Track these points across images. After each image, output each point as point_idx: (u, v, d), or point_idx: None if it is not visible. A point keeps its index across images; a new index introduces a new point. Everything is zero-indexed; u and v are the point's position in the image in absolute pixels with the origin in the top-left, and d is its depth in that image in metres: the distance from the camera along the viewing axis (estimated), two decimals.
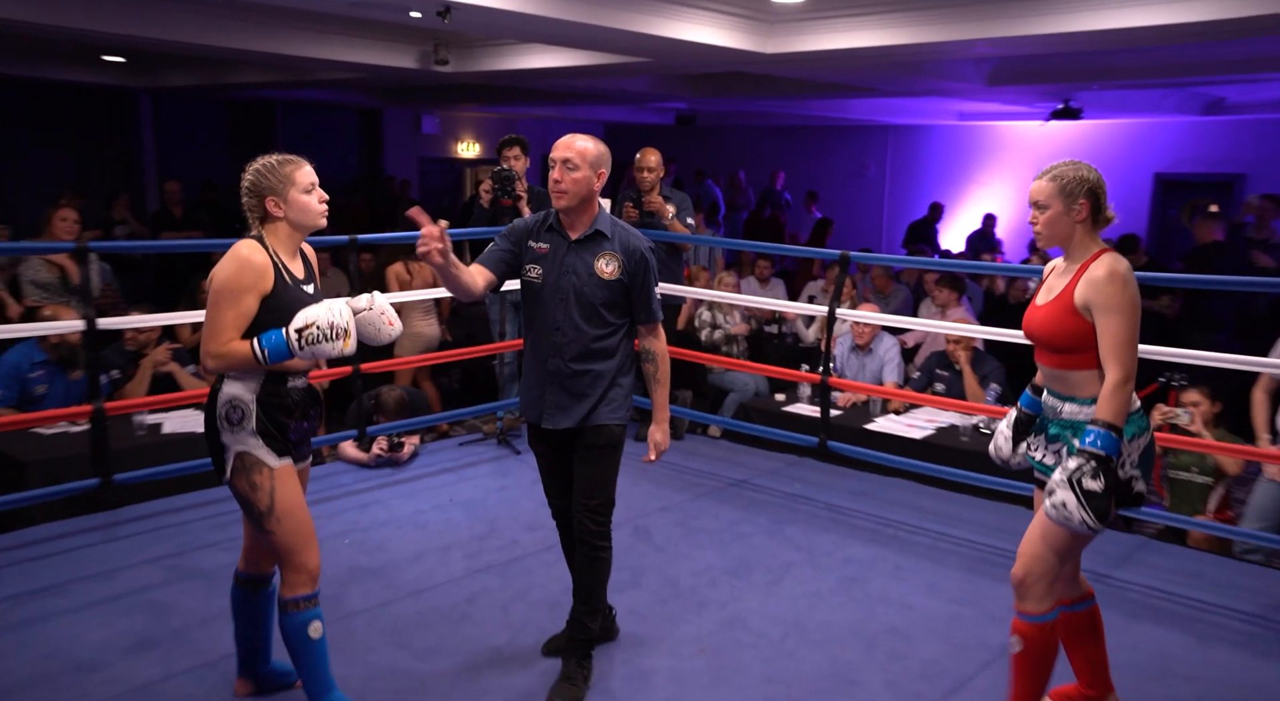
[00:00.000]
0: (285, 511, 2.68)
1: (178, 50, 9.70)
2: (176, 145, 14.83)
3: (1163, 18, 5.71)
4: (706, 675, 3.16)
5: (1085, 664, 2.96)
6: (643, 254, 3.04)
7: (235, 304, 2.63)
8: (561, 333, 3.03)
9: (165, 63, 12.04)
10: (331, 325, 2.62)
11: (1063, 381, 2.75)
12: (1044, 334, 2.76)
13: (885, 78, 9.74)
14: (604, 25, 6.45)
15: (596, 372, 3.04)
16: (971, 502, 4.77)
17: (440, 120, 17.24)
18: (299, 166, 2.76)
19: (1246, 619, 3.70)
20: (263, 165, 2.74)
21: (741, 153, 16.98)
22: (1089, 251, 2.72)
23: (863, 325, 6.18)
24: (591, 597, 3.09)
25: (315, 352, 2.64)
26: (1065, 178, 2.74)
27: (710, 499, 4.78)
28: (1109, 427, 2.56)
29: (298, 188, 2.73)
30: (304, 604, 2.69)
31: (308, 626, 2.69)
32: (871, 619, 3.58)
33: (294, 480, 2.74)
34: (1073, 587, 2.90)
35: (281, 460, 2.71)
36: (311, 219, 2.76)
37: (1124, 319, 2.59)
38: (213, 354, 2.65)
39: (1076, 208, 2.71)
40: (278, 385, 2.72)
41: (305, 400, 2.82)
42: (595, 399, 3.04)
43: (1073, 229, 2.73)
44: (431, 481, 4.92)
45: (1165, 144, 13.47)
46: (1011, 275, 8.68)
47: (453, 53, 8.94)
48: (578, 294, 3.01)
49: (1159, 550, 4.35)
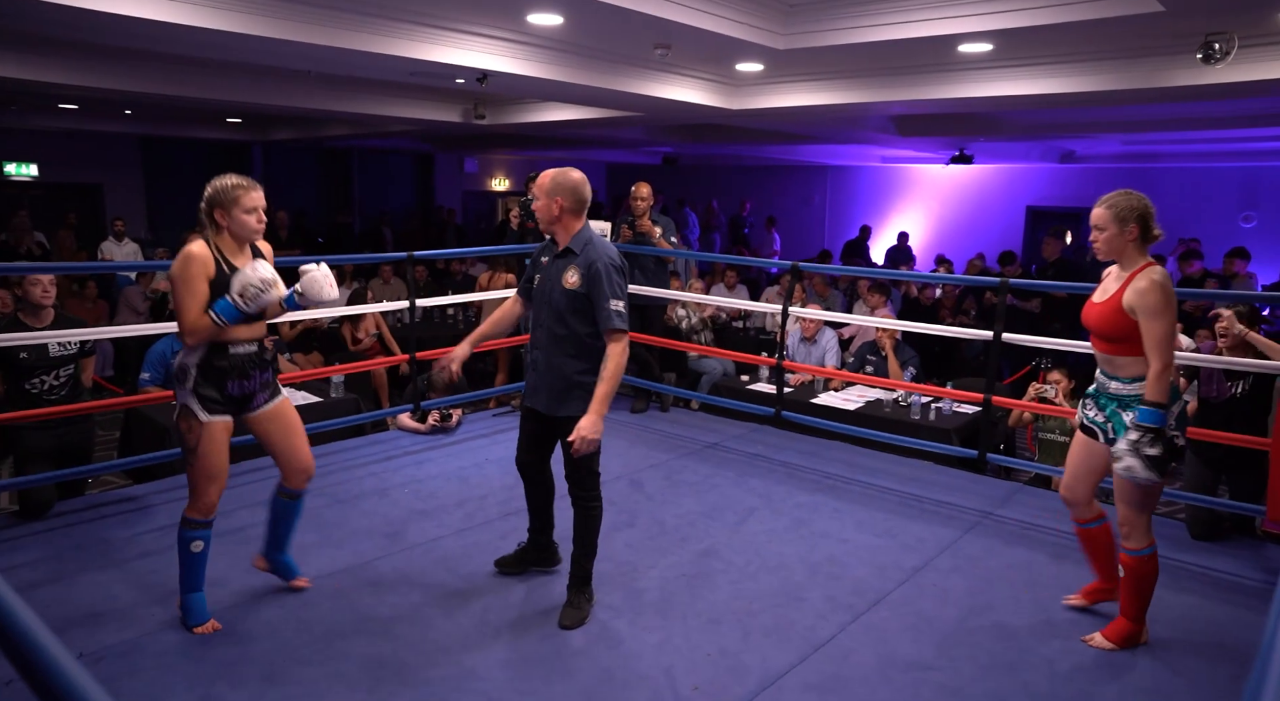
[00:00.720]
0: (201, 455, 2.68)
1: (282, 112, 9.97)
2: (280, 184, 14.84)
3: (1031, 89, 5.91)
4: (687, 593, 3.15)
5: (1100, 565, 3.06)
6: (596, 268, 2.79)
7: (191, 289, 2.61)
8: (540, 331, 2.92)
9: (273, 122, 12.21)
10: (261, 279, 2.62)
11: (1110, 364, 2.77)
12: (1098, 327, 2.77)
13: (824, 128, 9.74)
14: (607, 87, 6.44)
15: (561, 369, 2.86)
16: (892, 459, 4.76)
17: (479, 161, 17.19)
18: (247, 191, 2.70)
19: None
20: (221, 184, 2.69)
21: (715, 186, 16.94)
22: (1136, 263, 2.72)
23: (808, 320, 6.17)
24: (586, 544, 2.97)
25: (260, 302, 2.63)
26: (1119, 206, 2.74)
27: (690, 457, 4.76)
28: (1156, 406, 2.60)
29: (241, 208, 2.68)
30: (194, 525, 2.73)
31: (191, 541, 2.73)
32: (815, 550, 3.57)
33: (219, 433, 2.71)
34: (1088, 511, 2.99)
35: (212, 417, 2.69)
36: (247, 234, 2.72)
37: (1162, 321, 2.61)
38: (187, 330, 2.62)
39: (1128, 229, 2.71)
40: (217, 355, 2.69)
41: (247, 363, 2.76)
42: (562, 391, 2.87)
43: (1125, 246, 2.73)
44: (472, 444, 4.89)
45: (1034, 184, 13.65)
46: (922, 281, 8.67)
47: (489, 109, 8.95)
48: (550, 300, 2.88)
49: (1031, 493, 4.35)
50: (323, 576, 3.19)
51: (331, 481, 4.21)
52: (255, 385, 2.81)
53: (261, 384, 2.83)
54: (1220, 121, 8.28)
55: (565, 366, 2.87)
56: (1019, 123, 9.14)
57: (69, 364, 3.85)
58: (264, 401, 2.86)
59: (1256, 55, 4.90)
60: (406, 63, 5.59)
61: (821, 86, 6.76)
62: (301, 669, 2.60)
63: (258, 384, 2.82)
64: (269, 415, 2.86)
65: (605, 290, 2.78)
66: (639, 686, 2.56)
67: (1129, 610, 2.84)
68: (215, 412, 2.71)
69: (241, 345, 2.75)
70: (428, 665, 2.64)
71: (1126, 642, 2.84)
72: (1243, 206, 11.76)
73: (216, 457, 2.72)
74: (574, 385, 2.86)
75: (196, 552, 2.75)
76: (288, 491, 2.97)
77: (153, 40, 5.26)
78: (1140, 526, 2.76)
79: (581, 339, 2.85)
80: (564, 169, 2.91)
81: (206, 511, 2.73)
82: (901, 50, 5.53)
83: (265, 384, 2.86)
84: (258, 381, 2.82)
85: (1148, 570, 2.79)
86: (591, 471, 2.94)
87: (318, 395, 5.37)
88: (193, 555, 2.75)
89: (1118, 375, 2.76)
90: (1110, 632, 2.87)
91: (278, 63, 6.28)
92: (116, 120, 11.51)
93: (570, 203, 2.85)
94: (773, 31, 5.49)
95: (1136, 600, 2.82)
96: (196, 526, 2.74)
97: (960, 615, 3.04)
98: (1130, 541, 2.78)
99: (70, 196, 12.79)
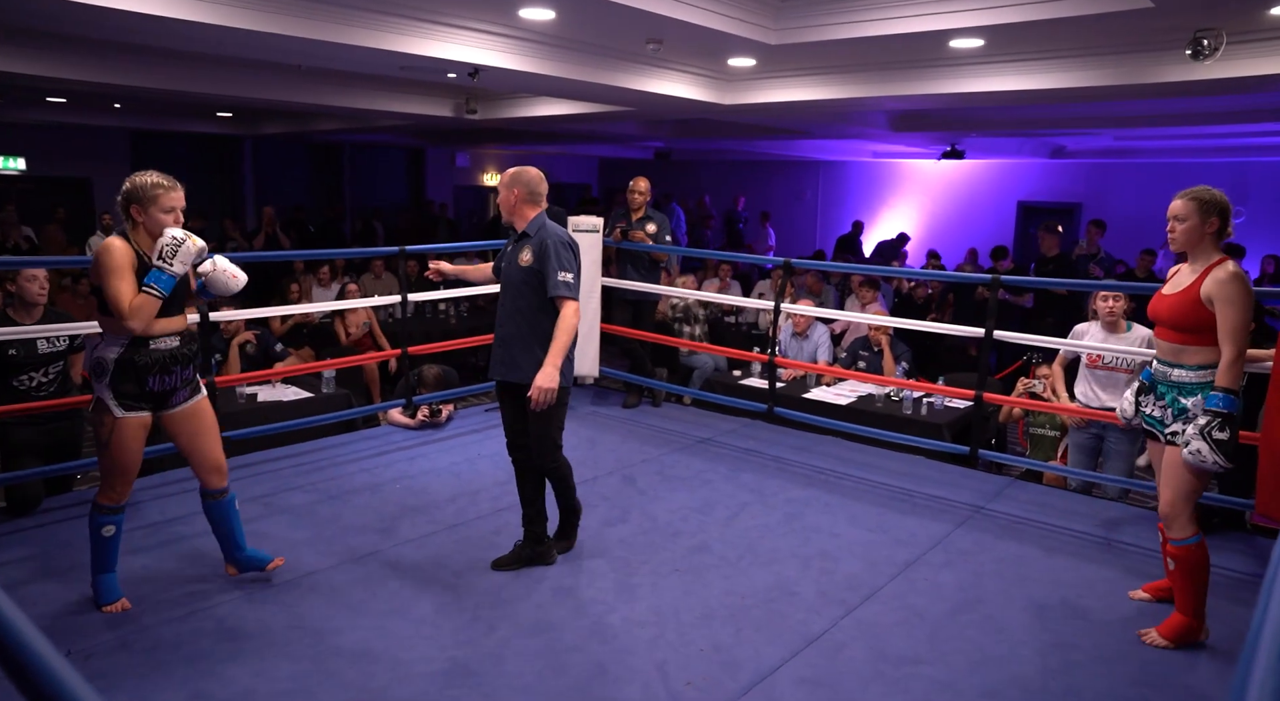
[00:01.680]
0: (113, 448, 2.72)
1: (272, 106, 9.95)
2: (270, 179, 14.77)
3: (1022, 85, 5.92)
4: (680, 588, 3.15)
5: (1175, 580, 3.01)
6: (546, 245, 3.10)
7: (122, 275, 2.61)
8: (503, 307, 3.22)
9: (263, 116, 12.15)
10: (172, 238, 2.64)
11: (1177, 354, 2.79)
12: (1169, 317, 2.80)
13: (816, 124, 9.73)
14: (599, 82, 6.42)
15: (522, 339, 3.14)
16: (884, 454, 4.77)
17: (470, 156, 17.13)
18: (168, 192, 2.69)
19: (1079, 535, 3.74)
20: (141, 180, 2.68)
21: (707, 181, 16.92)
22: (1212, 257, 2.75)
23: (800, 316, 6.17)
24: (566, 499, 3.35)
25: (182, 257, 2.63)
26: (1203, 199, 2.76)
27: (683, 453, 4.76)
28: (1228, 392, 2.62)
29: (159, 207, 2.68)
30: (106, 510, 2.79)
31: (103, 526, 2.79)
32: (807, 544, 3.57)
33: (133, 430, 2.72)
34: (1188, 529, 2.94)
35: (127, 413, 2.70)
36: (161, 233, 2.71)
37: (1239, 311, 2.63)
38: (128, 314, 2.61)
39: (1210, 223, 2.74)
40: (137, 350, 2.69)
41: (169, 358, 2.75)
42: (523, 360, 3.13)
43: (1203, 238, 2.76)
44: (464, 440, 4.88)
45: (1025, 179, 13.69)
46: (915, 278, 8.68)
47: (480, 104, 8.92)
48: (509, 278, 3.20)
49: (1022, 487, 4.36)
50: (314, 572, 3.18)
51: (323, 477, 4.19)
52: (176, 381, 2.80)
53: (183, 380, 2.83)
54: (1209, 117, 8.32)
55: (525, 336, 3.16)
56: (1010, 118, 9.16)
57: (58, 360, 3.81)
58: (183, 399, 2.85)
59: (1245, 52, 4.92)
60: (398, 57, 5.56)
61: (813, 82, 6.76)
62: (293, 665, 2.59)
63: (179, 379, 2.81)
64: (185, 414, 2.86)
65: (554, 263, 3.09)
66: (632, 681, 2.56)
67: (1186, 604, 2.79)
68: (130, 409, 2.72)
69: (163, 339, 2.74)
70: (420, 660, 2.64)
71: (1184, 639, 2.79)
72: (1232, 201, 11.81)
73: (128, 454, 2.75)
74: (533, 352, 3.13)
75: (108, 536, 2.81)
76: (210, 493, 2.95)
77: (143, 34, 5.22)
78: (1185, 514, 2.76)
79: (536, 311, 3.14)
80: (523, 166, 3.25)
81: (116, 500, 2.79)
82: (893, 45, 5.53)
83: (186, 380, 2.85)
84: (179, 377, 2.81)
85: (1198, 558, 2.76)
86: (554, 443, 3.21)
87: (309, 390, 5.34)
88: (104, 539, 2.81)
89: (1184, 363, 2.78)
90: (1166, 629, 2.81)
91: (268, 57, 6.24)
92: (106, 113, 11.42)
93: (525, 193, 3.17)
94: (764, 26, 5.48)
95: (1192, 592, 2.77)
96: (107, 512, 2.79)
97: (952, 609, 3.05)
98: (1174, 530, 2.77)
99: (59, 190, 12.70)
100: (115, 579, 2.86)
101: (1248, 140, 10.58)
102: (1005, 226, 13.61)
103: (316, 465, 4.36)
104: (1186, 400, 2.77)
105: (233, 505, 3.00)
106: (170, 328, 2.76)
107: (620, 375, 5.77)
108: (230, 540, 3.01)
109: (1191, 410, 2.75)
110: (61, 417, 3.85)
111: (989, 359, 4.47)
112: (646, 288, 5.58)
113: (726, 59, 6.47)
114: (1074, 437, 4.44)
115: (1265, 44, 4.88)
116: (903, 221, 14.09)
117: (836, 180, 15.83)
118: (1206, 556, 2.78)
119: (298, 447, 4.59)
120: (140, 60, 7.28)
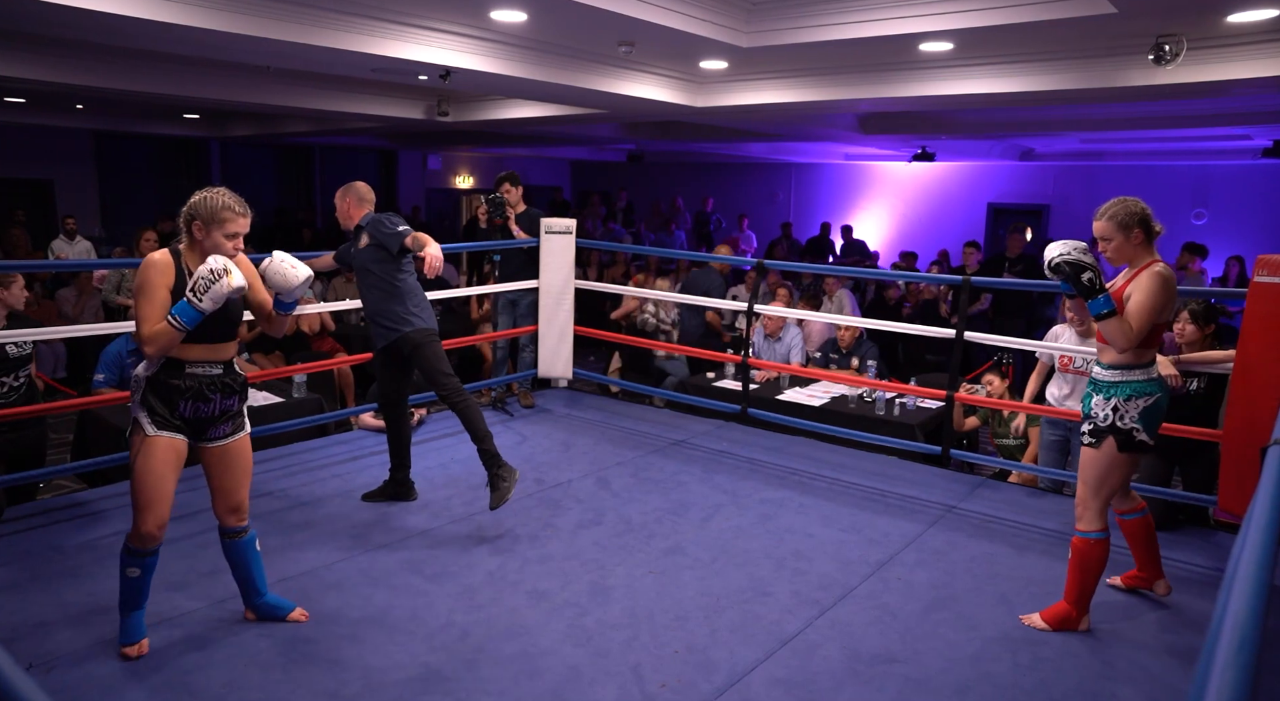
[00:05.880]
0: (139, 470, 2.53)
1: (240, 107, 9.85)
2: (238, 181, 14.60)
3: (990, 88, 5.99)
4: (654, 590, 3.15)
5: (1140, 554, 3.13)
6: (373, 223, 3.76)
7: (150, 297, 2.51)
8: (362, 293, 3.84)
9: (231, 117, 12.02)
10: (211, 271, 2.48)
11: (1100, 351, 2.89)
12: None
13: (787, 126, 9.78)
14: (571, 85, 6.41)
15: (383, 308, 3.76)
16: (856, 454, 4.81)
17: (442, 159, 17.03)
18: (237, 218, 2.61)
19: (1049, 533, 3.79)
20: (213, 200, 2.59)
21: (681, 183, 16.95)
22: (1143, 262, 2.82)
23: (771, 318, 6.20)
24: (477, 430, 3.66)
25: (213, 296, 2.46)
26: (1119, 215, 2.81)
27: (657, 455, 4.77)
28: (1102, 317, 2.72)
29: (223, 232, 2.59)
30: (132, 553, 2.58)
31: (127, 569, 2.59)
32: (781, 545, 3.59)
33: (162, 452, 2.53)
34: (1128, 502, 3.07)
35: (160, 432, 2.54)
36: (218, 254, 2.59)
37: (1148, 296, 2.72)
38: (144, 338, 2.50)
39: (1133, 235, 2.80)
40: (171, 371, 2.55)
41: (207, 385, 2.60)
42: (390, 321, 3.74)
43: (1134, 249, 2.82)
44: (436, 444, 4.85)
45: (994, 181, 13.88)
46: (883, 278, 8.75)
47: (452, 106, 8.87)
48: (359, 263, 3.82)
49: (994, 487, 4.42)
50: (286, 579, 3.14)
51: (295, 483, 4.15)
52: (214, 410, 2.63)
53: (222, 410, 2.66)
54: (1172, 121, 8.50)
55: (383, 303, 3.77)
56: (979, 120, 9.28)
57: (25, 365, 3.74)
58: (224, 434, 2.68)
59: (1204, 57, 5.04)
60: (368, 59, 5.52)
61: (785, 84, 6.80)
62: (264, 674, 2.56)
63: (217, 409, 2.64)
64: (225, 451, 2.69)
65: (385, 229, 3.73)
66: (606, 684, 2.56)
67: (1070, 593, 2.90)
68: (164, 428, 2.55)
69: (200, 365, 2.59)
70: (393, 667, 2.62)
71: (1061, 626, 2.90)
72: (1195, 203, 12.06)
73: (155, 479, 2.53)
74: (394, 311, 3.75)
75: (132, 578, 2.60)
76: (227, 531, 2.77)
77: (105, 33, 5.13)
78: (1093, 509, 2.85)
79: (383, 279, 3.75)
80: (354, 182, 3.92)
81: (144, 543, 2.55)
82: (864, 49, 5.57)
83: (227, 412, 2.68)
84: (218, 406, 2.64)
85: (1095, 555, 2.85)
86: (445, 372, 3.74)
87: (279, 395, 5.28)
88: (129, 579, 2.61)
89: (1101, 361, 2.88)
90: (1048, 614, 2.94)
91: (236, 58, 6.17)
92: (67, 115, 11.21)
93: (356, 199, 3.85)
94: (736, 29, 5.51)
95: (1079, 583, 2.88)
96: (135, 555, 2.58)
97: (925, 608, 3.08)
98: (1081, 523, 2.86)
99: (19, 193, 12.44)
100: (141, 618, 2.65)
101: (1209, 144, 10.84)
102: (976, 227, 13.79)
103: (288, 470, 4.32)
104: (1095, 398, 2.87)
105: (252, 546, 2.80)
106: (209, 355, 2.61)
107: (591, 376, 5.76)
108: (249, 584, 2.82)
109: (1094, 410, 2.85)
110: (26, 425, 3.77)
111: (959, 359, 4.53)
112: (612, 288, 5.56)
113: (698, 61, 6.49)
114: (1044, 436, 4.51)
115: (1224, 50, 5.00)
116: (874, 222, 14.22)
117: (808, 182, 15.94)
118: (1105, 554, 2.87)
119: (269, 453, 4.53)
120: (103, 60, 7.15)
